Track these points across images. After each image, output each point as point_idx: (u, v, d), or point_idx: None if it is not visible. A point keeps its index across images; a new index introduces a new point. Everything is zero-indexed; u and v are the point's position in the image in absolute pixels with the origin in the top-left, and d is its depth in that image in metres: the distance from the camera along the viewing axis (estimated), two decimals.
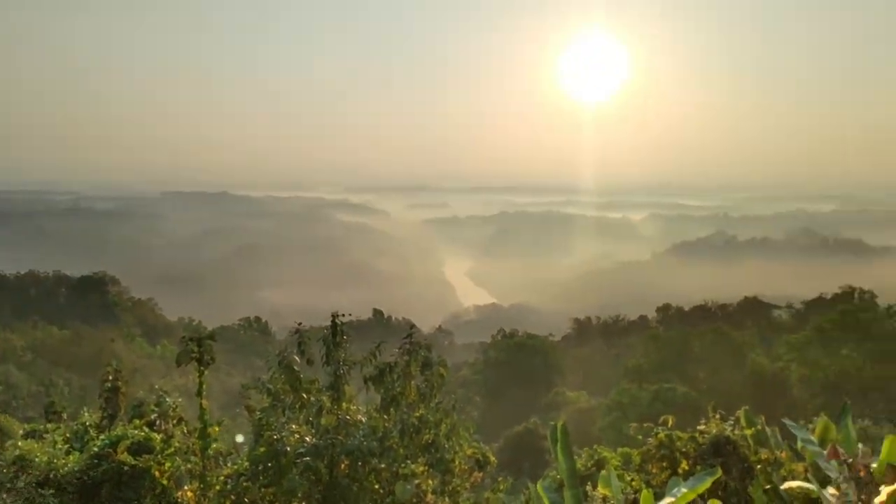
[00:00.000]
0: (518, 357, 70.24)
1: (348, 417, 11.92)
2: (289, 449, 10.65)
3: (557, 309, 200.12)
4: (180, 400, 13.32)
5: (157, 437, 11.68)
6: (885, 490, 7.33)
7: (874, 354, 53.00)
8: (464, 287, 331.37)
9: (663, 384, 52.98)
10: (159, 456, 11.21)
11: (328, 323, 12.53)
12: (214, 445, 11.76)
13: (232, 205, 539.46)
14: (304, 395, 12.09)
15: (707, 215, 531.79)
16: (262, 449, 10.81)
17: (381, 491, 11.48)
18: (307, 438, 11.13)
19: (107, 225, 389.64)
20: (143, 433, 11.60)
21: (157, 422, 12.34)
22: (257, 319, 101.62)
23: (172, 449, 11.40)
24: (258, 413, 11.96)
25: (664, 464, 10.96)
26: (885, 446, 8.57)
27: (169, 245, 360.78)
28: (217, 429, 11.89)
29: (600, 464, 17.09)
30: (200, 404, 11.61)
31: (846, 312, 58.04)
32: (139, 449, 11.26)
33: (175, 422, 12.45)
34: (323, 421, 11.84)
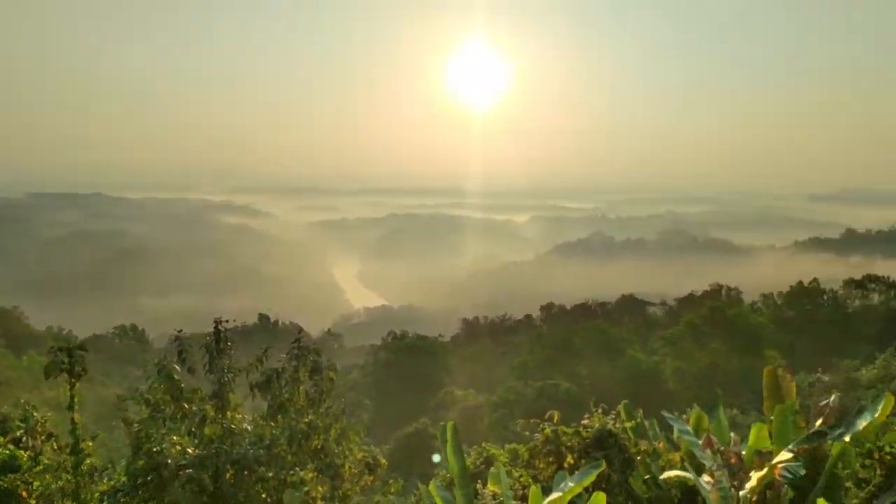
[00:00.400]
0: (408, 358, 70.38)
1: (233, 426, 11.52)
2: (170, 461, 10.19)
3: (446, 309, 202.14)
4: (50, 414, 12.50)
5: (24, 454, 10.91)
6: (754, 475, 7.83)
7: (740, 347, 56.74)
8: (353, 289, 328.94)
9: (548, 380, 54.60)
10: (26, 475, 10.47)
11: (211, 329, 12.07)
12: (88, 461, 11.09)
13: (107, 207, 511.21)
14: (186, 405, 11.59)
15: (586, 217, 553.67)
16: (140, 462, 10.28)
17: (269, 500, 11.17)
18: (189, 450, 10.68)
19: None
20: (7, 451, 10.82)
21: (24, 438, 11.52)
22: (134, 327, 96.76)
23: (41, 466, 10.68)
24: (136, 425, 11.37)
25: (551, 458, 11.26)
26: (753, 434, 9.17)
27: (36, 249, 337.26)
28: (91, 443, 11.24)
29: (489, 461, 17.36)
30: (72, 418, 10.92)
31: (715, 308, 61.75)
32: (3, 468, 10.50)
33: (44, 437, 11.66)
34: (206, 431, 11.39)
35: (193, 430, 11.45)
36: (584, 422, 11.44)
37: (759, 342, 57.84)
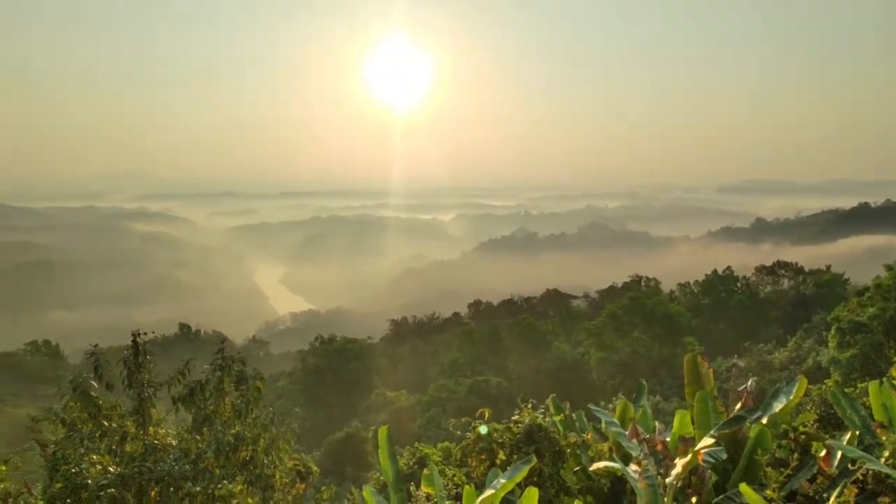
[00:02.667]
0: (337, 362, 69.59)
1: (156, 442, 11.16)
2: (90, 482, 9.77)
3: (374, 311, 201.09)
4: None
5: None
6: (679, 462, 8.09)
7: (660, 335, 58.52)
8: (278, 295, 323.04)
9: (478, 377, 55.04)
10: None
11: (129, 342, 11.64)
12: (2, 486, 10.54)
13: (10, 217, 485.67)
14: (105, 423, 11.15)
15: (509, 214, 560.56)
16: (58, 485, 9.83)
17: None
18: (111, 468, 10.28)
19: None
20: None
21: None
22: (46, 343, 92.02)
23: None
24: (52, 446, 10.85)
25: (483, 456, 11.34)
26: (676, 421, 9.47)
27: None
28: (4, 468, 10.68)
29: (422, 461, 17.37)
30: None
31: (634, 299, 63.45)
32: None
33: None
34: (128, 448, 11.00)
35: (114, 447, 11.04)
36: (515, 417, 11.56)
37: (677, 330, 59.76)
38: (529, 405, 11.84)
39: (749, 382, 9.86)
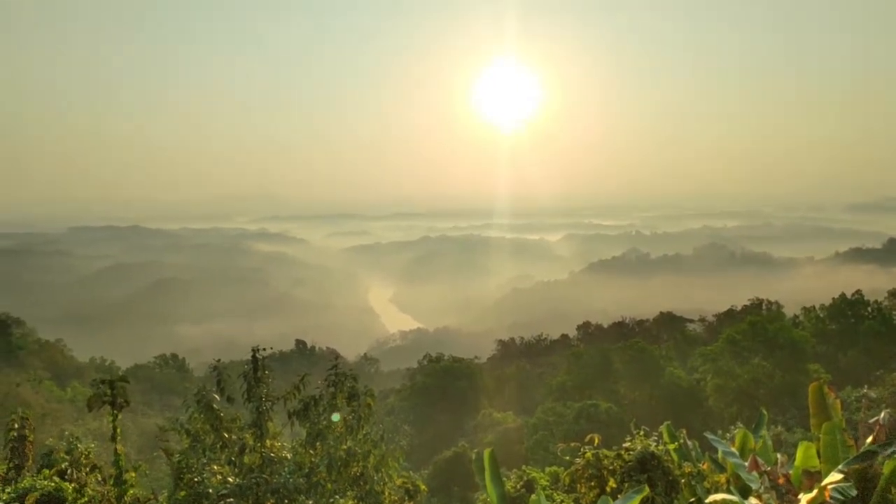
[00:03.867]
0: (445, 381, 70.08)
1: (273, 455, 11.58)
2: (211, 491, 10.25)
3: (481, 330, 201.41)
4: (93, 445, 12.67)
5: (69, 486, 11.06)
6: (804, 497, 7.61)
7: (783, 362, 55.38)
8: (388, 313, 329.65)
9: (587, 401, 53.90)
10: None
11: (249, 357, 12.18)
12: (132, 492, 11.22)
13: (145, 238, 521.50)
14: (226, 434, 11.68)
15: (619, 234, 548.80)
16: (182, 493, 10.37)
17: None
18: (230, 479, 10.74)
19: (8, 264, 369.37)
20: (53, 483, 10.96)
21: (69, 470, 11.68)
22: (174, 356, 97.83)
23: (86, 498, 10.82)
24: (177, 455, 11.47)
25: (592, 483, 11.06)
26: (800, 453, 8.93)
27: (77, 282, 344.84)
28: (134, 474, 11.36)
29: (530, 485, 17.17)
30: (115, 449, 11.07)
31: (755, 323, 60.44)
32: (49, 500, 10.63)
33: (88, 469, 11.82)
34: (246, 460, 11.46)
35: (233, 459, 11.53)
36: (626, 444, 11.23)
37: (801, 357, 56.47)
38: (642, 432, 11.48)
39: (882, 414, 9.17)
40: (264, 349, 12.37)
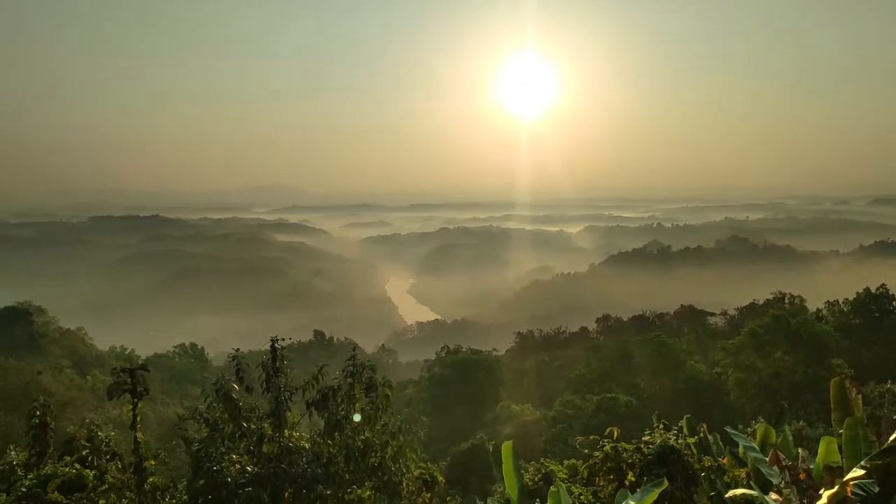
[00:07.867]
0: (463, 373, 70.09)
1: (291, 444, 11.60)
2: (230, 480, 10.30)
3: (499, 322, 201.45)
4: (114, 433, 12.78)
5: (90, 473, 11.17)
6: (825, 493, 7.49)
7: (805, 357, 54.70)
8: (406, 304, 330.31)
9: (606, 394, 53.66)
10: (92, 493, 10.71)
11: (268, 347, 12.22)
12: (151, 479, 11.30)
13: (165, 228, 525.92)
14: (244, 424, 11.72)
15: (640, 226, 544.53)
16: (201, 481, 10.42)
17: None
18: (248, 468, 10.79)
19: (30, 253, 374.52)
20: (74, 470, 11.08)
21: (90, 457, 11.79)
22: (193, 346, 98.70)
23: (106, 485, 10.92)
24: (196, 444, 11.54)
25: (611, 476, 10.98)
26: (822, 448, 8.79)
27: (98, 271, 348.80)
28: (153, 462, 11.44)
29: (548, 477, 17.10)
30: (135, 437, 11.16)
31: (778, 317, 59.70)
32: (71, 487, 10.74)
33: (108, 457, 11.93)
34: (265, 449, 11.50)
35: (252, 448, 11.58)
36: (646, 437, 11.13)
37: (824, 351, 55.72)
38: (661, 425, 11.37)
39: None
40: (283, 339, 12.39)
